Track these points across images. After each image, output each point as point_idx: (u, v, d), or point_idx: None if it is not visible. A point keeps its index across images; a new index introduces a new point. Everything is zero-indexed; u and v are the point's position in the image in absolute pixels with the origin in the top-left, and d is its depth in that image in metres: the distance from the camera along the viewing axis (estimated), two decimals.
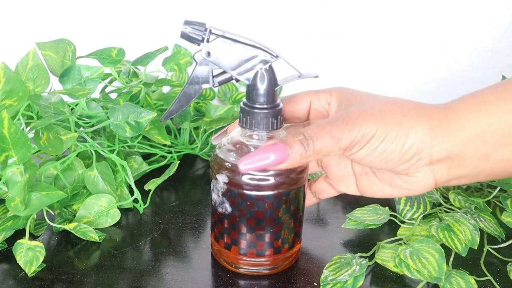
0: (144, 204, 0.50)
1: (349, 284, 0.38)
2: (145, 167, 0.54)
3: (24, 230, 0.42)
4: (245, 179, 0.36)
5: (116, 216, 0.47)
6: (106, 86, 0.55)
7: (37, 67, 0.46)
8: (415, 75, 0.69)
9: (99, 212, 0.46)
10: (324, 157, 0.38)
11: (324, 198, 0.44)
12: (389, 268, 0.40)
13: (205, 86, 0.36)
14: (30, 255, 0.40)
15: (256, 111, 0.35)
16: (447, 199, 0.49)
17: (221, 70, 0.36)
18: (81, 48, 0.51)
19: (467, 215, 0.44)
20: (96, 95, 0.56)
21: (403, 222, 0.46)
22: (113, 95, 0.58)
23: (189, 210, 0.50)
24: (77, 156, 0.49)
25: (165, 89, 0.68)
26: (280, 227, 0.38)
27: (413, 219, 0.45)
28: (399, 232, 0.45)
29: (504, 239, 0.43)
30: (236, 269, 0.40)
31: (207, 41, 0.34)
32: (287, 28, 0.66)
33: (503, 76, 0.54)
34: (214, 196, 0.38)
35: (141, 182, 0.53)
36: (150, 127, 0.52)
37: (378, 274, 0.40)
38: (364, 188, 0.39)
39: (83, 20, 0.67)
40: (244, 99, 0.36)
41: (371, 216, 0.46)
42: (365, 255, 0.41)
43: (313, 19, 0.66)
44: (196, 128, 0.63)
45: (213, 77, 0.36)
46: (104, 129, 0.53)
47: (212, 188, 0.39)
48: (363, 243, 0.44)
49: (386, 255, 0.41)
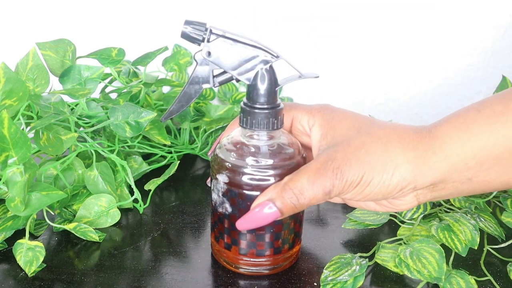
0: (144, 204, 0.50)
1: (349, 284, 0.38)
2: (145, 167, 0.54)
3: (24, 230, 0.42)
4: (245, 179, 0.36)
5: (116, 216, 0.47)
6: (106, 86, 0.55)
7: (37, 67, 0.46)
8: (415, 75, 0.69)
9: (99, 212, 0.46)
10: None
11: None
12: (389, 268, 0.40)
13: (205, 86, 0.36)
14: (30, 255, 0.40)
15: (256, 111, 0.35)
16: (447, 199, 0.49)
17: (221, 70, 0.36)
18: (81, 48, 0.51)
19: (467, 215, 0.44)
20: (96, 95, 0.56)
21: (403, 222, 0.46)
22: (113, 95, 0.58)
23: (189, 210, 0.50)
24: (77, 156, 0.49)
25: (165, 89, 0.68)
26: (280, 227, 0.38)
27: (413, 219, 0.45)
28: (399, 232, 0.45)
29: (504, 239, 0.43)
30: (236, 269, 0.40)
31: (208, 41, 0.34)
32: (287, 28, 0.66)
33: (503, 76, 0.54)
34: (215, 196, 0.38)
35: (141, 182, 0.53)
36: (150, 127, 0.52)
37: (378, 274, 0.40)
38: (348, 201, 0.39)
39: (83, 20, 0.67)
40: (244, 99, 0.36)
41: (371, 216, 0.46)
42: (365, 255, 0.41)
43: (313, 19, 0.66)
44: (196, 128, 0.63)
45: (213, 77, 0.36)
46: (104, 129, 0.53)
47: (212, 188, 0.39)
48: (363, 243, 0.44)
49: (386, 255, 0.41)
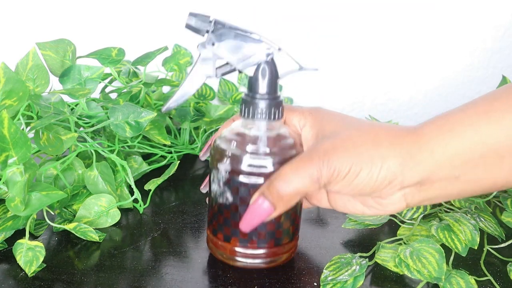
0: (144, 204, 0.50)
1: (349, 284, 0.38)
2: (145, 167, 0.54)
3: (24, 230, 0.42)
4: (246, 167, 0.36)
5: (116, 216, 0.47)
6: (106, 86, 0.55)
7: (37, 67, 0.46)
8: (415, 75, 0.69)
9: (99, 212, 0.46)
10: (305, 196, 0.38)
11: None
12: (389, 268, 0.40)
13: (208, 76, 0.36)
14: (30, 255, 0.40)
15: (257, 101, 0.36)
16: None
17: (223, 62, 0.36)
18: (81, 48, 0.51)
19: (467, 215, 0.44)
20: (96, 95, 0.56)
21: (403, 222, 0.46)
22: (113, 95, 0.58)
23: (189, 210, 0.50)
24: (77, 156, 0.49)
25: (165, 89, 0.68)
26: (280, 217, 0.38)
27: (413, 219, 0.45)
28: (399, 232, 0.45)
29: (504, 239, 0.43)
30: (233, 262, 0.39)
31: (212, 32, 0.35)
32: (287, 28, 0.66)
33: (503, 76, 0.54)
34: (214, 186, 0.38)
35: (141, 182, 0.53)
36: (150, 127, 0.52)
37: (378, 274, 0.40)
38: (336, 204, 0.39)
39: (83, 20, 0.67)
40: (245, 91, 0.37)
41: (371, 216, 0.46)
42: (365, 255, 0.41)
43: (313, 19, 0.66)
44: (196, 128, 0.63)
45: (216, 68, 0.36)
46: (104, 129, 0.53)
47: (212, 179, 0.38)
48: (363, 243, 0.44)
49: (386, 255, 0.41)
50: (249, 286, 0.38)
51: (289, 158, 0.36)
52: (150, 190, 0.50)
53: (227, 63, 0.36)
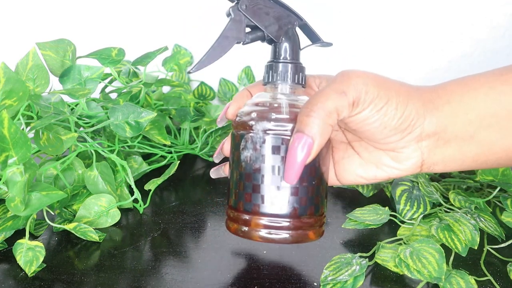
0: (144, 204, 0.50)
1: (349, 284, 0.38)
2: (145, 167, 0.54)
3: (24, 230, 0.42)
4: (272, 126, 0.34)
5: (116, 216, 0.47)
6: (106, 86, 0.55)
7: (37, 67, 0.46)
8: (415, 75, 0.69)
9: (99, 212, 0.46)
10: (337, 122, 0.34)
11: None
12: (389, 268, 0.40)
13: (237, 41, 0.36)
14: (30, 255, 0.40)
15: (282, 64, 0.37)
16: (447, 199, 0.49)
17: (251, 29, 0.37)
18: (81, 48, 0.51)
19: (467, 215, 0.44)
20: (96, 95, 0.56)
21: (403, 222, 0.46)
22: (113, 95, 0.58)
23: (189, 210, 0.50)
24: (77, 156, 0.49)
25: (165, 89, 0.68)
26: (320, 180, 0.35)
27: (413, 219, 0.45)
28: (399, 232, 0.45)
29: (504, 239, 0.43)
30: (257, 234, 0.35)
31: None
32: None
33: None
34: (248, 153, 0.35)
35: (141, 182, 0.53)
36: (150, 127, 0.52)
37: (378, 274, 0.40)
38: (345, 174, 0.39)
39: (83, 20, 0.67)
40: (269, 59, 0.38)
41: (371, 216, 0.46)
42: (365, 255, 0.41)
43: (313, 18, 0.66)
44: (196, 128, 0.63)
45: (245, 33, 0.37)
46: (104, 129, 0.53)
47: (242, 148, 0.35)
48: (363, 243, 0.44)
49: (386, 255, 0.41)
50: (249, 286, 0.38)
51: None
52: (150, 190, 0.50)
53: (255, 29, 0.37)
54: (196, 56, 0.70)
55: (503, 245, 0.43)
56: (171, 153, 0.59)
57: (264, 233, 0.34)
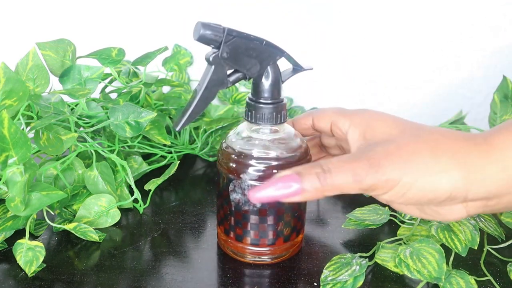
0: (144, 204, 0.50)
1: (349, 284, 0.38)
2: (145, 167, 0.54)
3: (24, 230, 0.42)
4: (252, 171, 0.37)
5: (116, 216, 0.47)
6: (106, 86, 0.55)
7: (37, 67, 0.46)
8: (415, 75, 0.69)
9: (99, 212, 0.46)
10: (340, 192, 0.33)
11: None
12: (389, 268, 0.40)
13: (220, 89, 0.36)
14: (30, 255, 0.40)
15: (261, 105, 0.36)
16: None
17: (232, 70, 0.36)
18: (81, 48, 0.51)
19: None
20: (96, 95, 0.56)
21: (403, 222, 0.46)
22: (113, 95, 0.58)
23: (189, 210, 0.50)
24: (77, 156, 0.49)
25: (165, 89, 0.68)
26: (289, 215, 0.39)
27: (413, 219, 0.45)
28: (399, 232, 0.45)
29: (504, 239, 0.43)
30: (242, 258, 0.41)
31: (225, 42, 0.34)
32: (286, 27, 0.67)
33: (503, 76, 0.54)
34: (237, 196, 0.38)
35: (141, 182, 0.53)
36: (150, 127, 0.52)
37: (378, 274, 0.40)
38: (391, 203, 0.35)
39: (83, 20, 0.67)
40: (250, 94, 0.38)
41: (371, 216, 0.46)
42: (365, 255, 0.41)
43: (313, 17, 0.66)
44: (196, 128, 0.63)
45: (227, 78, 0.36)
46: (104, 129, 0.53)
47: (230, 190, 0.38)
48: (363, 243, 0.44)
49: (386, 255, 0.41)
50: (249, 286, 0.38)
51: (295, 161, 0.37)
52: (150, 190, 0.50)
53: (235, 71, 0.36)
54: (196, 56, 0.70)
55: (503, 245, 0.43)
56: (171, 153, 0.59)
57: (250, 258, 0.41)
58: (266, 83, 0.36)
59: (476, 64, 0.68)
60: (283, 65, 0.37)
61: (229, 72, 0.36)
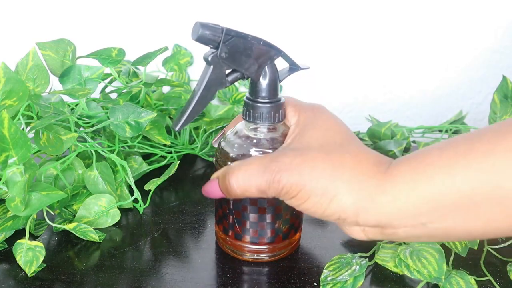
0: (144, 204, 0.50)
1: (349, 284, 0.38)
2: (145, 167, 0.54)
3: (24, 230, 0.42)
4: None
5: (116, 216, 0.47)
6: (106, 86, 0.55)
7: (37, 67, 0.46)
8: (415, 75, 0.69)
9: (99, 212, 0.46)
10: None
11: None
12: (389, 268, 0.40)
13: (219, 88, 0.36)
14: (30, 255, 0.40)
15: (260, 104, 0.36)
16: None
17: (230, 70, 0.36)
18: (81, 48, 0.51)
19: None
20: (96, 95, 0.56)
21: None
22: (113, 95, 0.58)
23: (189, 210, 0.50)
24: (77, 156, 0.49)
25: (165, 89, 0.68)
26: (288, 214, 0.40)
27: None
28: None
29: (504, 239, 0.43)
30: (240, 256, 0.41)
31: (224, 42, 0.34)
32: (286, 26, 0.66)
33: (503, 76, 0.54)
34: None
35: (141, 182, 0.53)
36: (150, 127, 0.52)
37: (378, 274, 0.40)
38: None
39: (83, 20, 0.67)
40: (247, 94, 0.37)
41: None
42: (365, 255, 0.41)
43: (312, 17, 0.66)
44: (196, 128, 0.63)
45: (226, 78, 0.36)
46: (104, 129, 0.53)
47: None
48: (363, 243, 0.44)
49: (386, 255, 0.41)
50: (249, 286, 0.38)
51: None
52: (150, 190, 0.50)
53: (234, 71, 0.36)
54: (196, 56, 0.70)
55: (503, 245, 0.43)
56: (171, 153, 0.59)
57: (249, 256, 0.41)
58: (264, 82, 0.36)
59: (476, 64, 0.68)
60: (280, 64, 0.37)
61: (227, 71, 0.36)
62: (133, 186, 0.48)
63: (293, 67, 0.39)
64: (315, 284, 0.39)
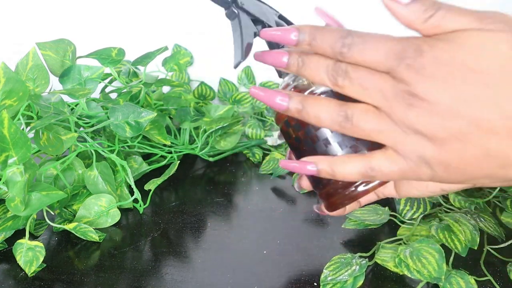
0: (144, 204, 0.50)
1: (349, 284, 0.38)
2: (145, 167, 0.54)
3: (24, 230, 0.42)
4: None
5: (116, 216, 0.47)
6: (106, 86, 0.55)
7: (37, 67, 0.46)
8: None
9: (99, 212, 0.46)
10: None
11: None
12: (389, 268, 0.40)
13: (254, 30, 0.35)
14: (30, 255, 0.40)
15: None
16: (447, 199, 0.49)
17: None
18: (81, 48, 0.51)
19: (467, 215, 0.44)
20: (96, 95, 0.56)
21: (403, 222, 0.46)
22: (113, 95, 0.58)
23: (189, 210, 0.50)
24: (77, 156, 0.49)
25: (165, 89, 0.68)
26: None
27: (413, 219, 0.45)
28: (399, 232, 0.45)
29: (504, 239, 0.43)
30: (353, 193, 0.33)
31: None
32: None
33: None
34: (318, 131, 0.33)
35: (141, 182, 0.53)
36: (150, 127, 0.52)
37: (378, 274, 0.40)
38: (404, 188, 0.35)
39: (83, 20, 0.67)
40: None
41: (371, 216, 0.46)
42: (365, 255, 0.41)
43: (312, 16, 0.66)
44: (196, 128, 0.63)
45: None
46: (104, 129, 0.53)
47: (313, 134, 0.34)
48: (363, 243, 0.44)
49: (386, 255, 0.41)
50: (249, 286, 0.38)
51: None
52: (150, 190, 0.50)
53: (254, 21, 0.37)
54: (196, 56, 0.70)
55: (503, 245, 0.43)
56: (171, 153, 0.59)
57: (363, 187, 0.33)
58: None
59: None
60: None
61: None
62: (133, 186, 0.48)
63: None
64: (315, 284, 0.39)
